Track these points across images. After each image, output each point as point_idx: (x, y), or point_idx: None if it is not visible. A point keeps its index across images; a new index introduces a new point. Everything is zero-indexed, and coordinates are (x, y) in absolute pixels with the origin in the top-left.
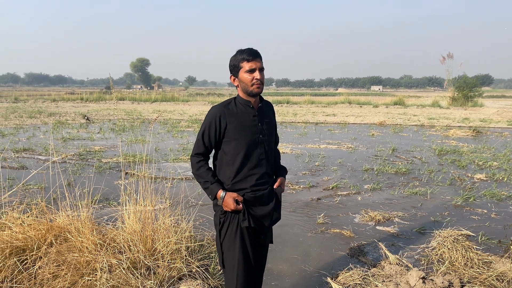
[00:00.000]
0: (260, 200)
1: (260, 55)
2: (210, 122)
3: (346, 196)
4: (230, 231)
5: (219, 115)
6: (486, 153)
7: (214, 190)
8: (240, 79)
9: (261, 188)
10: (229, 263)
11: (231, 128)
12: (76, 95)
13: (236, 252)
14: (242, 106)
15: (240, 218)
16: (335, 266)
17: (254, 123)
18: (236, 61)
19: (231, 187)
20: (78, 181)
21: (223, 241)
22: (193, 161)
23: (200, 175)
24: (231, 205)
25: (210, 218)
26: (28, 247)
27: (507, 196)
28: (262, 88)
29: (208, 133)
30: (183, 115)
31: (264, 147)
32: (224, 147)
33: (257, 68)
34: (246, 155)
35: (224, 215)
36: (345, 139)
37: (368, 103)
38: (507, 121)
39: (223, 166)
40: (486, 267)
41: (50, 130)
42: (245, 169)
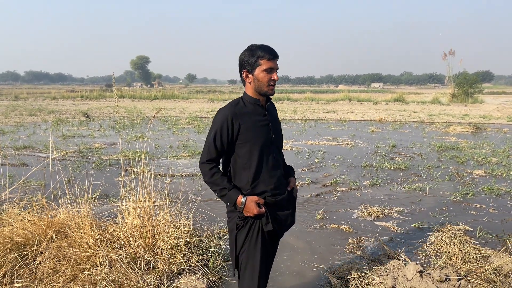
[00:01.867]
0: (280, 204)
1: (278, 55)
2: (221, 125)
3: (345, 192)
4: (251, 237)
5: (230, 116)
6: (486, 149)
7: (233, 196)
8: (256, 77)
9: (281, 192)
10: (251, 270)
11: (244, 129)
12: (76, 93)
13: (257, 258)
14: (251, 105)
15: (263, 222)
16: (333, 261)
17: (265, 123)
18: (254, 56)
19: (251, 191)
20: (78, 178)
21: (243, 248)
22: (204, 169)
23: (215, 183)
24: (253, 209)
25: (210, 213)
26: (29, 242)
27: (506, 192)
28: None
29: (220, 136)
30: (183, 112)
31: (277, 147)
32: (238, 150)
33: (275, 68)
34: (261, 156)
35: (243, 221)
36: (345, 136)
37: (368, 100)
38: (507, 117)
39: (239, 170)
40: (484, 261)
41: (50, 127)
42: (264, 171)
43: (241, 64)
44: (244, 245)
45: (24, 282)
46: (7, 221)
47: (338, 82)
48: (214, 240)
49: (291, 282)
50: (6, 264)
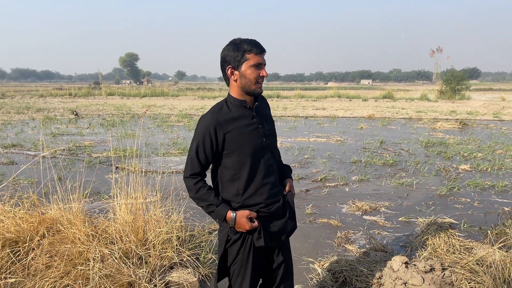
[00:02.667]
0: (276, 214)
1: (266, 50)
2: (204, 136)
3: (334, 187)
4: (243, 251)
5: (213, 125)
6: (472, 145)
7: (221, 212)
8: (243, 74)
9: (275, 200)
10: (239, 283)
11: (230, 137)
12: (64, 90)
13: (247, 275)
14: (237, 108)
15: (255, 237)
16: (322, 254)
17: (254, 127)
18: (240, 51)
19: (242, 203)
20: (68, 175)
21: (234, 263)
22: (189, 184)
23: (201, 198)
24: (245, 225)
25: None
26: (21, 239)
27: (490, 186)
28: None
29: (203, 149)
30: (173, 109)
31: (270, 150)
32: (225, 161)
33: (263, 64)
34: (252, 165)
35: (235, 235)
36: (334, 132)
37: (358, 96)
38: (493, 113)
39: (227, 183)
40: (467, 253)
41: (38, 125)
42: (255, 181)
43: (225, 60)
44: (237, 257)
45: (17, 278)
46: None
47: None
48: (205, 235)
49: None
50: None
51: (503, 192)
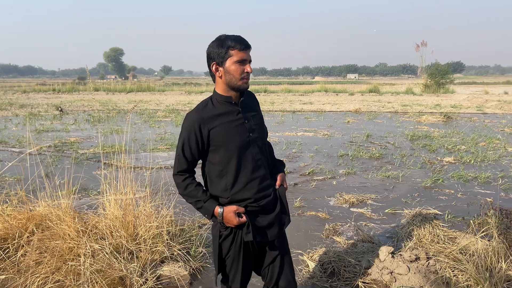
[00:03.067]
0: (266, 209)
1: (251, 46)
2: (189, 133)
3: (322, 180)
4: (234, 247)
5: (198, 122)
6: (456, 138)
7: (209, 208)
8: (227, 70)
9: (265, 194)
10: (229, 279)
11: (215, 134)
12: (48, 86)
13: (239, 269)
14: (222, 105)
15: (243, 232)
16: (311, 246)
17: (240, 122)
18: (224, 47)
19: (231, 199)
20: (55, 172)
21: (227, 257)
22: (177, 181)
23: (189, 195)
24: (233, 220)
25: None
26: (9, 236)
27: (473, 177)
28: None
29: (189, 146)
30: (160, 105)
31: (257, 145)
32: (211, 157)
33: (248, 60)
34: (239, 160)
35: (225, 230)
36: (322, 127)
37: (344, 91)
38: (477, 106)
39: (215, 179)
40: (451, 242)
41: (22, 122)
42: (243, 176)
43: (210, 57)
44: (229, 252)
45: (8, 275)
46: None
47: (314, 73)
48: (195, 229)
49: None
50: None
51: (486, 183)
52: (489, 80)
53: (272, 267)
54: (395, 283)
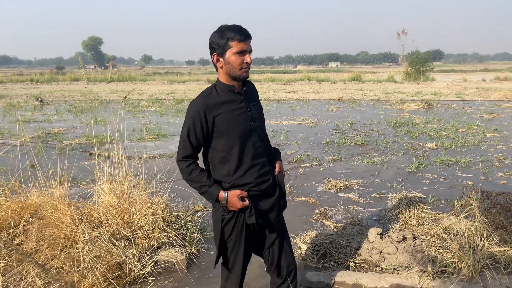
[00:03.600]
0: (266, 192)
1: (251, 36)
2: (194, 120)
3: (309, 167)
4: (236, 229)
5: (203, 109)
6: (437, 124)
7: (213, 193)
8: (227, 61)
9: (265, 179)
10: (231, 260)
11: (219, 121)
12: (25, 76)
13: (241, 251)
14: (225, 93)
15: (246, 215)
16: (302, 229)
17: (243, 111)
18: (224, 38)
19: (233, 183)
20: (41, 163)
21: (228, 240)
22: (181, 166)
23: (194, 180)
24: (237, 204)
25: (184, 191)
26: (4, 225)
27: (454, 162)
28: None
29: (194, 132)
30: (142, 95)
31: (258, 133)
32: (215, 144)
33: (248, 50)
34: (241, 147)
35: (228, 214)
36: (306, 115)
37: (327, 79)
38: (456, 94)
39: (218, 164)
40: (435, 223)
41: (2, 113)
42: (245, 163)
43: (211, 47)
44: (231, 235)
45: (6, 263)
46: None
47: (296, 62)
48: (189, 215)
49: None
50: None
51: (466, 167)
52: (467, 68)
53: (273, 249)
54: (384, 262)
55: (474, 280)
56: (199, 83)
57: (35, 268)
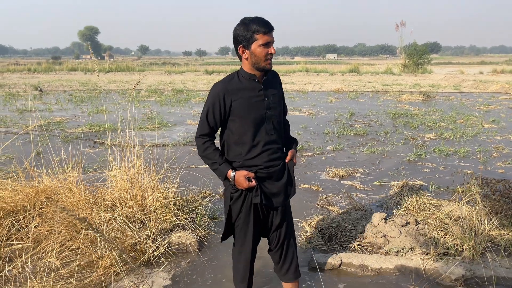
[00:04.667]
0: (273, 176)
1: (274, 27)
2: (213, 101)
3: (311, 156)
4: (245, 208)
5: (222, 92)
6: (435, 115)
7: (223, 170)
8: (253, 52)
9: (274, 164)
10: (242, 241)
11: (236, 105)
12: (22, 66)
13: (250, 229)
14: (246, 80)
15: (252, 194)
16: (307, 214)
17: (260, 98)
18: (250, 31)
19: (243, 163)
20: (46, 151)
21: (237, 218)
22: (198, 143)
23: (207, 157)
24: (243, 183)
25: (194, 176)
26: (19, 209)
27: (453, 152)
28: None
29: (213, 113)
30: (141, 85)
31: (272, 122)
32: (231, 125)
33: (272, 42)
34: (254, 132)
35: (236, 192)
36: (306, 106)
37: (325, 71)
38: (453, 86)
39: (232, 145)
40: (436, 209)
41: (2, 102)
42: (257, 147)
43: (236, 40)
44: (240, 214)
45: (24, 244)
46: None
47: (294, 53)
48: (199, 200)
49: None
50: (2, 228)
51: (465, 157)
52: (465, 61)
53: (280, 232)
54: (388, 245)
55: (476, 261)
56: (197, 74)
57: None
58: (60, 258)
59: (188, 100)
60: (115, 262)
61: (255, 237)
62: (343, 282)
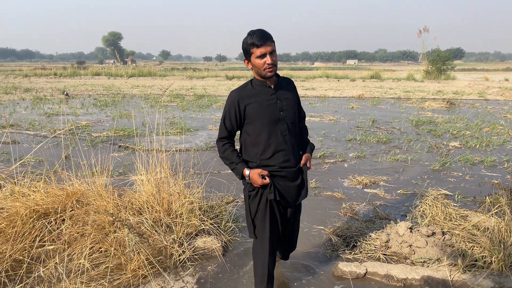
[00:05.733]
0: (287, 177)
1: (270, 37)
2: (229, 107)
3: (333, 163)
4: (261, 205)
5: (237, 99)
6: (459, 123)
7: (239, 169)
8: (253, 64)
9: (289, 165)
10: (262, 237)
11: (250, 109)
12: (49, 70)
13: (267, 225)
14: (259, 87)
15: (267, 191)
16: (331, 222)
17: (273, 102)
18: (247, 46)
19: (259, 163)
20: (74, 154)
21: (255, 215)
22: (218, 145)
23: (226, 157)
24: (257, 180)
25: (217, 181)
26: (51, 211)
27: (479, 161)
28: (275, 69)
29: (229, 118)
30: (163, 90)
31: (287, 123)
32: (247, 128)
33: (267, 52)
34: (268, 134)
35: (253, 191)
36: (327, 112)
37: (345, 77)
38: (478, 93)
39: (248, 146)
40: (463, 220)
41: (30, 106)
42: (271, 148)
43: (243, 53)
44: (258, 211)
45: (56, 245)
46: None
47: (314, 59)
48: (223, 205)
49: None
50: (35, 230)
51: (492, 166)
52: (489, 67)
53: (288, 226)
54: (414, 255)
55: (504, 274)
56: (218, 79)
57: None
58: (90, 260)
59: (209, 105)
60: (143, 265)
61: (272, 234)
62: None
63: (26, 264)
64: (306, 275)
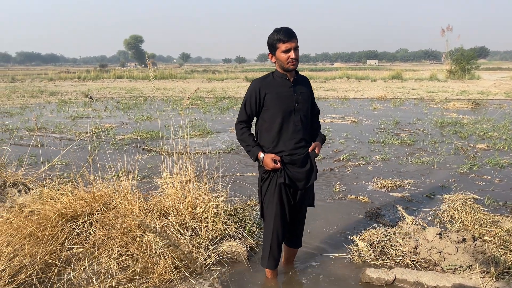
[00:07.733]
0: (297, 163)
1: (294, 35)
2: (251, 93)
3: (357, 166)
4: (271, 187)
5: (258, 86)
6: (486, 124)
7: (255, 152)
8: (277, 58)
9: (298, 152)
10: (268, 215)
11: (268, 98)
12: (73, 73)
13: (274, 205)
14: (279, 78)
15: (277, 175)
16: (357, 227)
17: (290, 93)
18: (273, 41)
19: (272, 149)
20: (99, 157)
21: (264, 196)
22: (237, 128)
23: (243, 140)
24: (269, 164)
25: (240, 184)
26: (79, 214)
27: (509, 164)
28: (297, 64)
29: (250, 103)
30: (184, 92)
31: (300, 115)
32: (263, 115)
33: (292, 48)
34: (283, 122)
35: (265, 174)
36: (348, 113)
37: (366, 77)
38: (505, 93)
39: (263, 132)
40: (494, 226)
41: (56, 109)
42: (284, 135)
43: (268, 47)
44: (267, 193)
45: (84, 248)
46: (54, 195)
47: (333, 59)
48: (247, 209)
49: (322, 245)
50: (64, 233)
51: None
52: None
53: (298, 211)
54: (444, 262)
55: None
56: (238, 81)
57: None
58: (117, 263)
59: (229, 107)
60: (169, 270)
61: (281, 216)
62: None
63: (57, 267)
64: (333, 282)
